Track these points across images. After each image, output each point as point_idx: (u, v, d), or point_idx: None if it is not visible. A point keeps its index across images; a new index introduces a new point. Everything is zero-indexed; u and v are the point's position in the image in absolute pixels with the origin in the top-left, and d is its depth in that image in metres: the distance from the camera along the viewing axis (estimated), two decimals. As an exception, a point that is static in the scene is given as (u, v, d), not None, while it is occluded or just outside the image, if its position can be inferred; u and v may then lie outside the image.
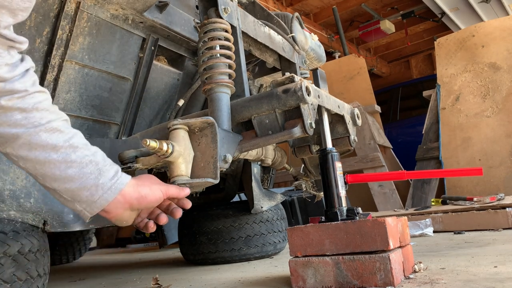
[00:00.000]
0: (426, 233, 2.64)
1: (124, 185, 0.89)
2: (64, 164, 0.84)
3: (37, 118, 0.83)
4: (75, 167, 0.84)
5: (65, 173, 0.84)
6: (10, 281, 1.15)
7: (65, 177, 0.84)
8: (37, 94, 0.85)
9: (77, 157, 0.85)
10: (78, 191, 0.85)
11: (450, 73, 4.01)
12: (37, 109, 0.83)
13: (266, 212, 2.36)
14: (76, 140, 0.86)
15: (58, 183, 0.85)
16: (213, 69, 1.27)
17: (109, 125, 1.58)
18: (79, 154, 0.85)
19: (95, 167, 0.86)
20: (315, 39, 1.98)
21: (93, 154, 0.88)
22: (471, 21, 6.25)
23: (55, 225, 1.33)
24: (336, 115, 1.57)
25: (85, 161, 0.85)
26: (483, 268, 1.35)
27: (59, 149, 0.84)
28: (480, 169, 1.39)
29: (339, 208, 1.34)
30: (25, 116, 0.82)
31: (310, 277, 1.27)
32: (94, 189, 0.85)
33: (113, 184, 0.87)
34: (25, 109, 0.82)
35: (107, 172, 0.87)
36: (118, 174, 0.89)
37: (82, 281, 2.27)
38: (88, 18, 1.34)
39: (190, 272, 2.13)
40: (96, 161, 0.87)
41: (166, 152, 1.03)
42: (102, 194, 0.86)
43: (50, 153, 0.83)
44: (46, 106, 0.85)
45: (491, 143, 3.64)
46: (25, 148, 0.83)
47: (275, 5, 5.89)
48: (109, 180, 0.87)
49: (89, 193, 0.85)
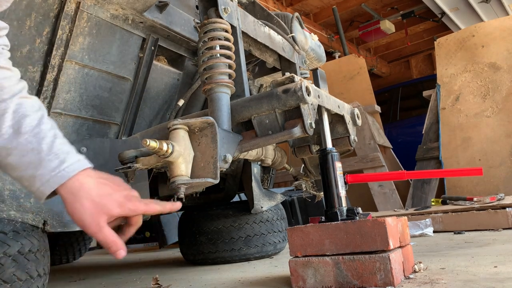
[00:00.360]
0: (426, 233, 2.64)
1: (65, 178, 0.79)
2: (5, 151, 0.77)
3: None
4: (15, 155, 0.78)
5: (5, 160, 0.78)
6: (10, 281, 1.15)
7: (6, 164, 0.79)
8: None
9: (18, 143, 0.78)
10: (19, 179, 0.80)
11: (450, 73, 4.01)
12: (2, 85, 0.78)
13: (266, 212, 2.36)
14: (23, 124, 0.78)
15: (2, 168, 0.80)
16: (213, 69, 1.27)
17: (109, 125, 1.58)
18: (21, 141, 0.78)
19: (36, 156, 0.78)
20: (315, 39, 1.98)
21: (38, 142, 0.79)
22: (471, 21, 6.25)
23: (55, 225, 1.33)
24: (336, 115, 1.57)
25: (27, 149, 0.78)
26: (483, 268, 1.35)
27: (2, 134, 0.77)
28: (480, 169, 1.39)
29: (339, 208, 1.34)
30: None
31: (310, 277, 1.27)
32: (32, 180, 0.78)
33: (52, 177, 0.78)
34: None
35: (49, 163, 0.78)
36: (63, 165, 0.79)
37: (82, 281, 2.27)
38: (88, 18, 1.34)
39: (190, 272, 2.13)
40: (39, 149, 0.78)
41: (166, 152, 1.03)
42: (39, 187, 0.79)
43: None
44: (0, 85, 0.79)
45: (491, 143, 3.64)
46: None
47: (275, 5, 5.89)
48: (49, 172, 0.78)
49: (28, 183, 0.79)
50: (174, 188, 1.06)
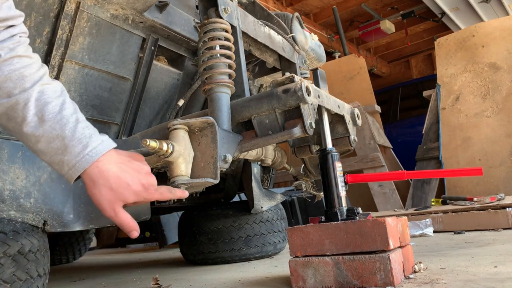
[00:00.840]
0: (426, 233, 2.64)
1: (89, 163, 0.83)
2: (34, 138, 0.82)
3: (10, 88, 0.81)
4: (43, 142, 0.82)
5: (36, 147, 0.83)
6: (10, 281, 1.15)
7: (36, 150, 0.84)
8: (15, 60, 0.82)
9: (44, 131, 0.82)
10: (50, 164, 0.85)
11: (450, 73, 4.01)
12: (11, 79, 0.81)
13: (266, 212, 2.36)
14: (46, 111, 0.83)
15: (36, 154, 0.85)
16: (213, 69, 1.27)
17: (109, 125, 1.58)
18: (46, 128, 0.82)
19: (61, 142, 0.82)
20: (315, 39, 1.98)
21: (61, 128, 0.83)
22: (471, 21, 6.25)
23: (55, 225, 1.33)
24: (336, 115, 1.57)
25: (52, 136, 0.82)
26: (483, 268, 1.35)
27: (29, 123, 0.82)
28: (480, 169, 1.39)
29: (339, 208, 1.34)
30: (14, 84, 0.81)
31: (310, 277, 1.27)
32: (61, 164, 0.83)
33: (77, 162, 0.83)
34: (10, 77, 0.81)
35: (73, 148, 0.83)
36: (87, 150, 0.83)
37: (82, 281, 2.27)
38: (88, 18, 1.34)
39: (190, 272, 2.13)
40: (63, 136, 0.83)
41: (166, 152, 1.03)
42: (68, 171, 0.83)
43: (22, 126, 0.82)
44: (21, 74, 0.82)
45: (491, 143, 3.64)
46: (4, 118, 0.82)
47: (275, 5, 5.89)
48: (74, 157, 0.83)
49: (58, 167, 0.84)
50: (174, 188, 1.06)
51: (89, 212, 1.42)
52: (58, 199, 1.34)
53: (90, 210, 1.42)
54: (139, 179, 0.89)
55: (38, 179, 1.30)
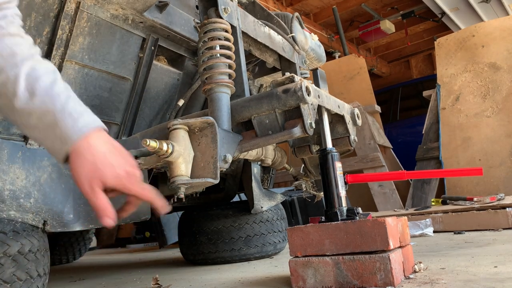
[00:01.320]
0: (426, 233, 2.64)
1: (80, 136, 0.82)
2: (26, 113, 0.81)
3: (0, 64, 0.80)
4: (35, 117, 0.81)
5: (28, 122, 0.82)
6: (10, 281, 1.15)
7: (29, 126, 0.83)
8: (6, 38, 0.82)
9: (35, 106, 0.81)
10: (43, 140, 0.84)
11: (450, 73, 4.01)
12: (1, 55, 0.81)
13: (266, 212, 2.36)
14: (37, 86, 0.82)
15: (28, 130, 0.84)
16: (213, 69, 1.27)
17: (109, 125, 1.58)
18: (37, 103, 0.81)
19: (53, 116, 0.81)
20: (315, 39, 1.98)
21: (53, 102, 0.82)
22: (471, 21, 6.25)
23: (55, 225, 1.33)
24: (336, 115, 1.57)
25: (43, 110, 0.81)
26: (483, 268, 1.35)
27: (20, 97, 0.80)
28: (480, 169, 1.39)
29: (339, 208, 1.34)
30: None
31: (310, 277, 1.27)
32: (54, 139, 0.83)
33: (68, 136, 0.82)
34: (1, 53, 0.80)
35: (64, 122, 0.82)
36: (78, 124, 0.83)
37: (82, 281, 2.27)
38: (88, 18, 1.34)
39: (190, 272, 2.13)
40: (54, 110, 0.82)
41: (166, 152, 1.03)
42: (61, 146, 0.82)
43: (13, 102, 0.81)
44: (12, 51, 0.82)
45: (491, 143, 3.64)
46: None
47: (275, 5, 5.89)
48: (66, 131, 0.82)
49: (51, 143, 0.83)
50: (174, 188, 1.06)
51: (89, 212, 1.42)
52: (58, 199, 1.34)
53: (90, 210, 1.42)
54: (124, 165, 0.86)
55: (38, 179, 1.30)
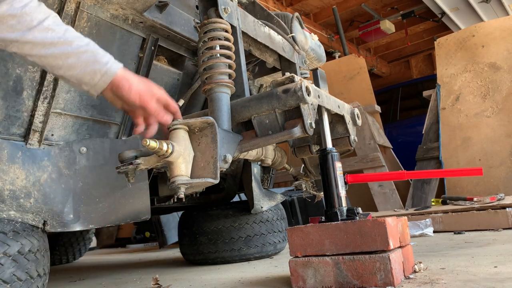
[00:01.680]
0: (426, 233, 2.64)
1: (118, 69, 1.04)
2: (64, 55, 0.98)
3: (28, 21, 0.94)
4: (74, 57, 0.99)
5: (66, 62, 0.99)
6: (10, 281, 1.15)
7: (67, 65, 0.99)
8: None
9: (73, 48, 0.99)
10: (81, 76, 1.01)
11: (450, 73, 4.01)
12: (26, 13, 0.94)
13: (266, 212, 2.36)
14: (69, 35, 1.00)
15: (63, 70, 1.00)
16: (213, 69, 1.27)
17: (109, 125, 1.58)
18: (74, 46, 0.99)
19: (91, 55, 1.01)
20: (315, 39, 1.98)
21: (87, 44, 1.02)
22: (471, 21, 6.25)
23: (55, 225, 1.33)
24: (336, 115, 1.57)
25: (81, 51, 1.00)
26: (483, 268, 1.35)
27: (56, 44, 0.97)
28: (480, 169, 1.39)
29: (339, 208, 1.34)
30: (18, 21, 0.93)
31: (310, 277, 1.27)
32: (93, 73, 1.01)
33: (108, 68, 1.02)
34: (15, 14, 0.93)
35: (102, 58, 1.02)
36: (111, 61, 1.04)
37: (82, 281, 2.27)
38: (88, 18, 1.34)
39: (190, 272, 2.13)
40: (91, 50, 1.02)
41: (166, 152, 1.03)
42: (101, 77, 1.02)
43: (50, 48, 0.97)
44: (33, 7, 0.95)
45: (491, 143, 3.64)
46: (28, 47, 0.95)
47: (275, 5, 5.89)
48: (104, 65, 1.02)
49: (89, 77, 1.01)
50: (174, 188, 1.06)
51: (89, 212, 1.42)
52: (58, 199, 1.34)
53: (90, 210, 1.42)
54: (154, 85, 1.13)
55: (38, 179, 1.30)
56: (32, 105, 1.31)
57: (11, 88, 1.25)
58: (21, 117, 1.29)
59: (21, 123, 1.30)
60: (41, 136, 1.34)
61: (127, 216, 1.54)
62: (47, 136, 1.36)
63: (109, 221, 1.48)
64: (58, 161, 1.37)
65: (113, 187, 1.49)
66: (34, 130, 1.32)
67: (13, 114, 1.27)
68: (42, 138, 1.34)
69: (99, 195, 1.45)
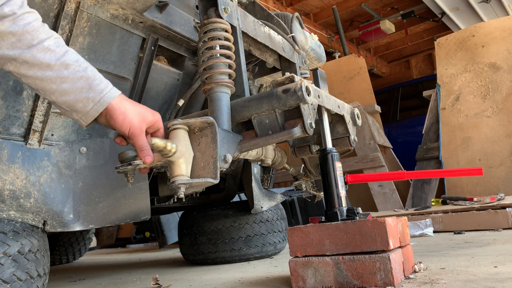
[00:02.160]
0: (426, 233, 2.64)
1: (112, 98, 1.00)
2: (59, 79, 0.95)
3: (29, 40, 0.92)
4: (68, 82, 0.95)
5: (60, 87, 0.95)
6: (10, 281, 1.15)
7: (61, 90, 0.95)
8: (26, 16, 0.92)
9: (69, 73, 0.95)
10: (73, 102, 0.97)
11: (450, 73, 4.01)
12: (28, 31, 0.92)
13: (266, 212, 2.36)
14: (67, 58, 0.96)
15: (56, 95, 0.96)
16: (213, 69, 1.27)
17: (109, 125, 1.58)
18: (71, 71, 0.96)
19: (86, 81, 0.97)
20: (315, 39, 1.98)
21: (84, 70, 0.98)
22: (471, 21, 6.25)
23: (55, 225, 1.33)
24: (336, 115, 1.57)
25: (77, 77, 0.96)
26: (483, 268, 1.35)
27: (53, 67, 0.94)
28: (480, 169, 1.39)
29: (339, 208, 1.34)
30: (18, 39, 0.91)
31: (310, 277, 1.27)
32: (86, 101, 0.97)
33: (102, 97, 0.98)
34: (16, 32, 0.91)
35: (97, 86, 0.98)
36: (107, 89, 1.00)
37: (82, 281, 2.27)
38: (88, 18, 1.34)
39: (190, 272, 2.13)
40: (87, 76, 0.97)
41: (170, 152, 1.04)
42: (93, 106, 0.98)
43: (46, 71, 0.94)
44: (35, 27, 0.93)
45: (491, 143, 3.64)
46: (25, 67, 0.93)
47: (275, 5, 5.89)
48: (99, 94, 0.98)
49: (82, 105, 0.97)
50: (174, 188, 1.06)
51: (89, 212, 1.42)
52: (58, 199, 1.34)
53: (90, 210, 1.42)
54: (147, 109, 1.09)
55: (38, 179, 1.30)
56: (32, 105, 1.31)
57: (11, 88, 1.25)
58: (21, 117, 1.29)
59: (21, 123, 1.30)
60: (41, 136, 1.34)
61: (127, 216, 1.54)
62: (47, 136, 1.36)
63: (109, 221, 1.48)
64: (58, 161, 1.37)
65: (113, 187, 1.49)
66: (34, 130, 1.32)
67: (13, 114, 1.27)
68: (42, 138, 1.34)
69: (99, 195, 1.45)
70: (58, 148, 1.38)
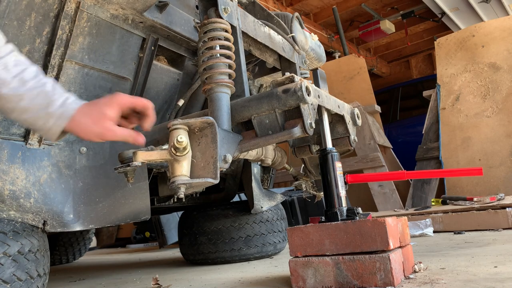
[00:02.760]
0: (426, 233, 2.64)
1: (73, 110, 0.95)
2: (17, 97, 0.90)
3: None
4: (26, 99, 0.91)
5: (18, 105, 0.91)
6: (10, 281, 1.15)
7: (20, 109, 0.91)
8: None
9: (26, 90, 0.91)
10: (33, 120, 0.93)
11: (450, 73, 4.01)
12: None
13: (266, 212, 2.36)
14: (26, 74, 0.92)
15: (16, 114, 0.92)
16: (213, 69, 1.27)
17: (109, 125, 1.58)
18: (28, 87, 0.91)
19: (44, 97, 0.92)
20: (315, 39, 1.97)
21: (43, 85, 0.93)
22: (471, 21, 6.25)
23: (55, 225, 1.33)
24: (336, 115, 1.57)
25: (35, 93, 0.91)
26: (483, 268, 1.35)
27: (9, 84, 0.89)
28: (480, 169, 1.39)
29: (339, 208, 1.34)
30: None
31: (310, 277, 1.27)
32: (47, 117, 0.93)
33: (62, 113, 0.94)
34: None
35: (56, 101, 0.94)
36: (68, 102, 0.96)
37: (82, 281, 2.27)
38: (88, 18, 1.34)
39: (190, 272, 2.13)
40: (46, 91, 0.93)
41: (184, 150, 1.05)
42: (55, 122, 0.93)
43: (2, 88, 0.89)
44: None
45: (491, 143, 3.64)
46: None
47: (275, 5, 5.89)
48: (58, 108, 0.93)
49: (43, 121, 0.93)
50: (174, 188, 1.06)
51: (89, 212, 1.42)
52: (58, 199, 1.34)
53: (90, 210, 1.42)
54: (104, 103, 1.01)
55: (38, 179, 1.30)
56: (32, 105, 1.31)
57: (11, 88, 1.24)
58: (21, 117, 1.29)
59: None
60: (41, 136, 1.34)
61: (127, 216, 1.54)
62: (47, 136, 1.36)
63: (109, 221, 1.48)
64: (58, 161, 1.37)
65: (113, 187, 1.49)
66: (34, 130, 1.32)
67: (13, 114, 1.27)
68: (42, 138, 1.34)
69: (99, 195, 1.45)
70: (58, 148, 1.38)
